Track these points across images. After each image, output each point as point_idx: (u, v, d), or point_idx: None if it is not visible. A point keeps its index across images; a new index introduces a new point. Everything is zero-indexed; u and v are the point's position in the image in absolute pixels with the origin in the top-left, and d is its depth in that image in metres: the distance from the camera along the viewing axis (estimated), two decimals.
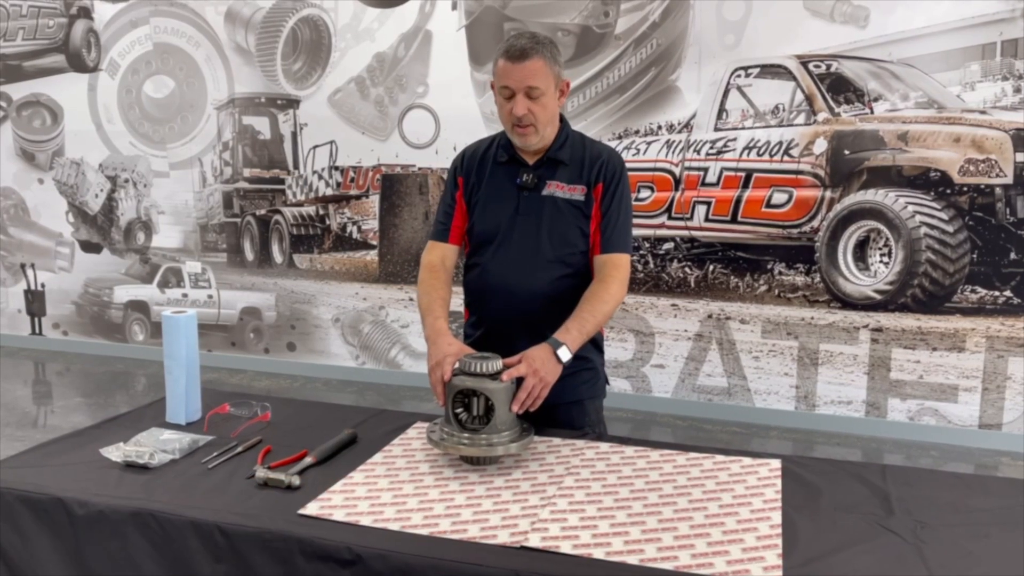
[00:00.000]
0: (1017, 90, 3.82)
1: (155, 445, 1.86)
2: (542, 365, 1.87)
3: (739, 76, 4.20)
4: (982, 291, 4.00)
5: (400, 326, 5.06)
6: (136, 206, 5.59)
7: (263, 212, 5.26)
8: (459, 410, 1.85)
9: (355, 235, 5.08)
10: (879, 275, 4.14)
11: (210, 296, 5.50)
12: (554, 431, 2.04)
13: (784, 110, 4.15)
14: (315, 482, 1.73)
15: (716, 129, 4.27)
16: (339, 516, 1.59)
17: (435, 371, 1.90)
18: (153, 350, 5.63)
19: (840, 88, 4.06)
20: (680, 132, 4.33)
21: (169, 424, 2.07)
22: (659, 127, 4.37)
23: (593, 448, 1.93)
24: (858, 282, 4.18)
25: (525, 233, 2.13)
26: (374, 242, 5.04)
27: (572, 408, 2.17)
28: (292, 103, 5.06)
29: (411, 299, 5.00)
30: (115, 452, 1.82)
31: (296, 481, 1.70)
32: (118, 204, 5.62)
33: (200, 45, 5.20)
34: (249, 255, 5.35)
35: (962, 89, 3.90)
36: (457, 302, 2.18)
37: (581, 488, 1.72)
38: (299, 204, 5.17)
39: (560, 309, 2.11)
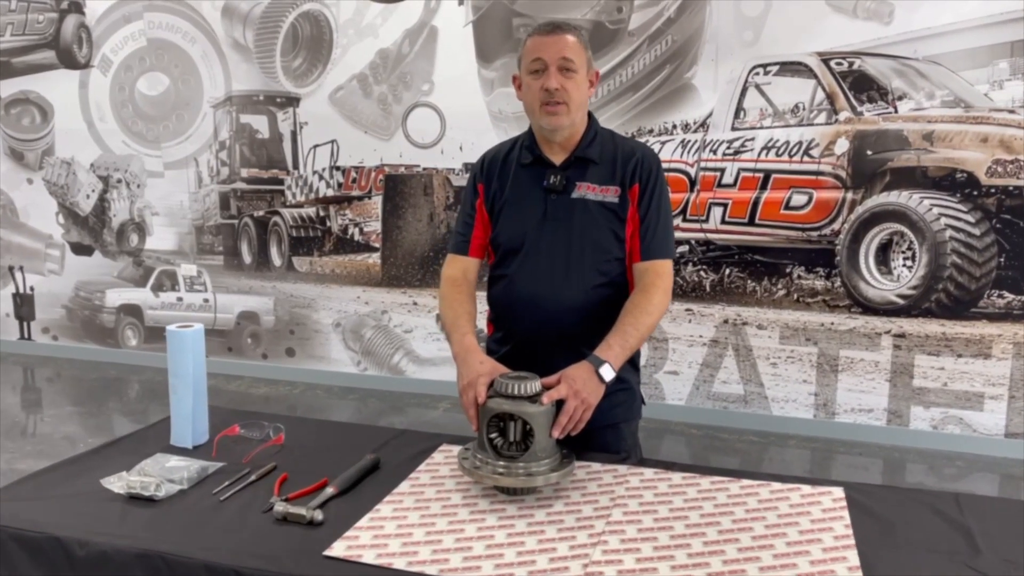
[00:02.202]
0: None
1: (161, 474, 1.70)
2: (584, 386, 1.72)
3: (757, 74, 4.06)
4: (1009, 296, 3.87)
5: (403, 331, 4.90)
6: (129, 207, 5.41)
7: (261, 213, 5.09)
8: (494, 435, 1.69)
9: (357, 237, 4.91)
10: (902, 279, 4.01)
11: (206, 300, 5.33)
12: (592, 455, 1.88)
13: (804, 109, 4.01)
14: (339, 516, 1.58)
15: (733, 128, 4.13)
16: (369, 558, 1.44)
17: (467, 392, 1.74)
18: (146, 355, 5.46)
19: (863, 86, 3.93)
20: (696, 131, 4.19)
21: (174, 448, 1.91)
22: (674, 126, 4.23)
23: (637, 475, 1.78)
24: (880, 286, 4.04)
25: (555, 240, 1.98)
26: (377, 244, 4.88)
27: (607, 432, 2.01)
28: (292, 101, 4.89)
29: (415, 303, 4.85)
30: (117, 483, 1.66)
31: (319, 516, 1.55)
32: (110, 205, 5.44)
33: (196, 41, 5.02)
34: (247, 258, 5.18)
35: (990, 87, 3.77)
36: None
37: (631, 523, 1.57)
38: (299, 205, 5.00)
39: (595, 322, 1.96)
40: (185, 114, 5.15)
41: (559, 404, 1.70)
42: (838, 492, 1.70)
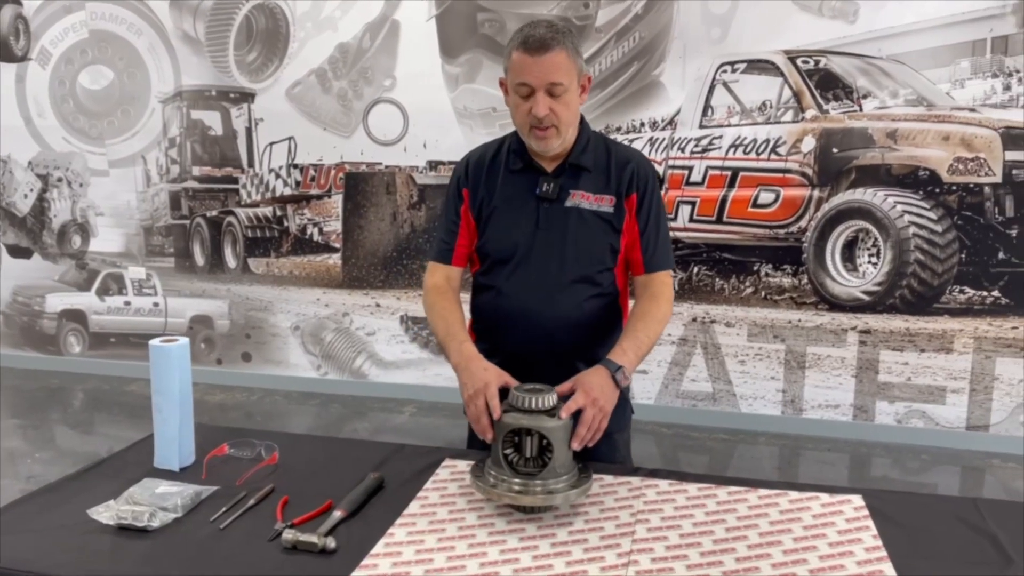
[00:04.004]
0: (1007, 87, 3.77)
1: (152, 502, 1.58)
2: (601, 393, 1.66)
3: (725, 71, 4.06)
4: (970, 291, 3.95)
5: (366, 334, 4.78)
6: (71, 207, 5.16)
7: (215, 213, 4.90)
8: (508, 451, 1.62)
9: (316, 237, 4.77)
10: (867, 276, 4.06)
11: (156, 304, 5.12)
12: (602, 466, 1.82)
13: (771, 107, 4.02)
14: (351, 542, 1.48)
15: (701, 126, 4.12)
16: None
17: (475, 400, 1.66)
18: (91, 363, 5.22)
19: (828, 85, 3.96)
20: (664, 129, 4.17)
21: (158, 471, 1.79)
22: (642, 124, 4.20)
23: (652, 487, 1.73)
24: (846, 283, 4.09)
25: (547, 250, 1.90)
26: (337, 245, 4.74)
27: (600, 443, 1.92)
28: (246, 96, 4.71)
29: (378, 305, 4.73)
30: (106, 513, 1.53)
31: (331, 544, 1.45)
32: (50, 205, 5.18)
33: (142, 33, 4.80)
34: (199, 260, 4.99)
35: (952, 86, 3.84)
36: None
37: (658, 540, 1.52)
38: (254, 205, 4.83)
39: (588, 335, 1.90)
40: (131, 109, 4.92)
41: (575, 414, 1.64)
42: (857, 500, 1.67)
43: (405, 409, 4.54)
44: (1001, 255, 3.88)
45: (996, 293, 3.92)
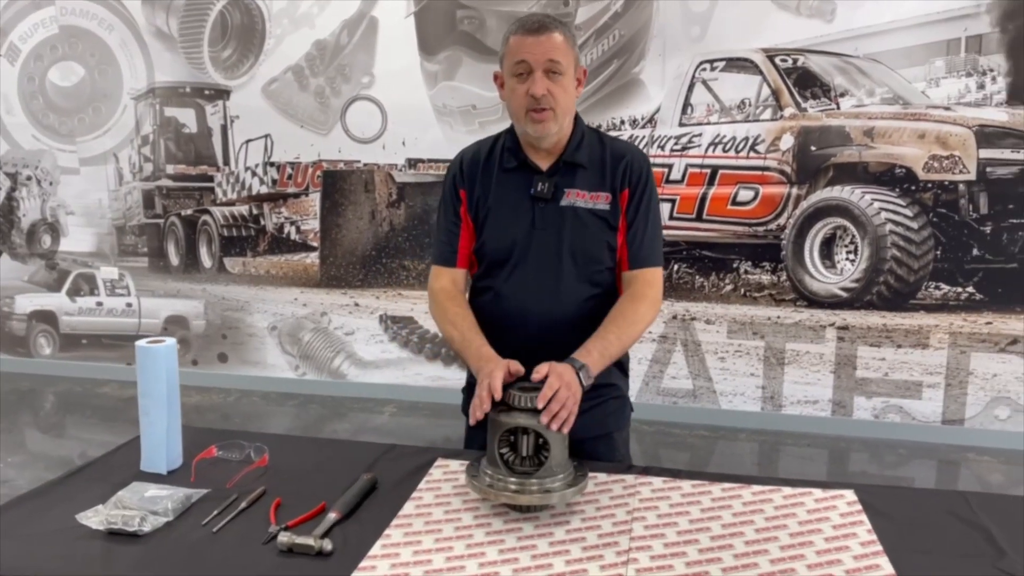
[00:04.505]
0: (981, 86, 3.82)
1: (142, 505, 1.55)
2: (572, 380, 1.63)
3: (704, 69, 4.07)
4: (945, 287, 4.00)
5: (344, 333, 4.74)
6: (40, 206, 5.06)
7: (189, 212, 4.83)
8: (504, 450, 1.61)
9: (293, 236, 4.72)
10: (845, 273, 4.10)
11: (129, 304, 5.03)
12: (595, 464, 1.82)
13: (750, 105, 4.05)
14: (347, 544, 1.46)
15: (681, 124, 4.14)
16: None
17: (481, 388, 1.63)
18: (61, 365, 5.13)
19: (806, 83, 3.99)
20: (644, 127, 4.18)
21: (145, 474, 1.75)
22: (622, 122, 4.21)
23: (646, 484, 1.73)
24: (824, 280, 4.13)
25: (544, 251, 1.87)
26: (315, 244, 4.69)
27: (599, 443, 1.93)
28: (221, 94, 4.65)
29: (356, 304, 4.69)
30: (95, 517, 1.50)
31: (328, 546, 1.43)
32: (19, 204, 5.08)
33: (114, 28, 4.72)
34: (174, 259, 4.92)
35: (927, 85, 3.89)
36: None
37: (656, 537, 1.51)
38: (230, 203, 4.77)
39: (587, 336, 1.88)
40: (103, 106, 4.84)
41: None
42: (850, 495, 1.68)
43: (385, 409, 4.51)
44: (975, 251, 3.94)
45: (971, 289, 3.98)
